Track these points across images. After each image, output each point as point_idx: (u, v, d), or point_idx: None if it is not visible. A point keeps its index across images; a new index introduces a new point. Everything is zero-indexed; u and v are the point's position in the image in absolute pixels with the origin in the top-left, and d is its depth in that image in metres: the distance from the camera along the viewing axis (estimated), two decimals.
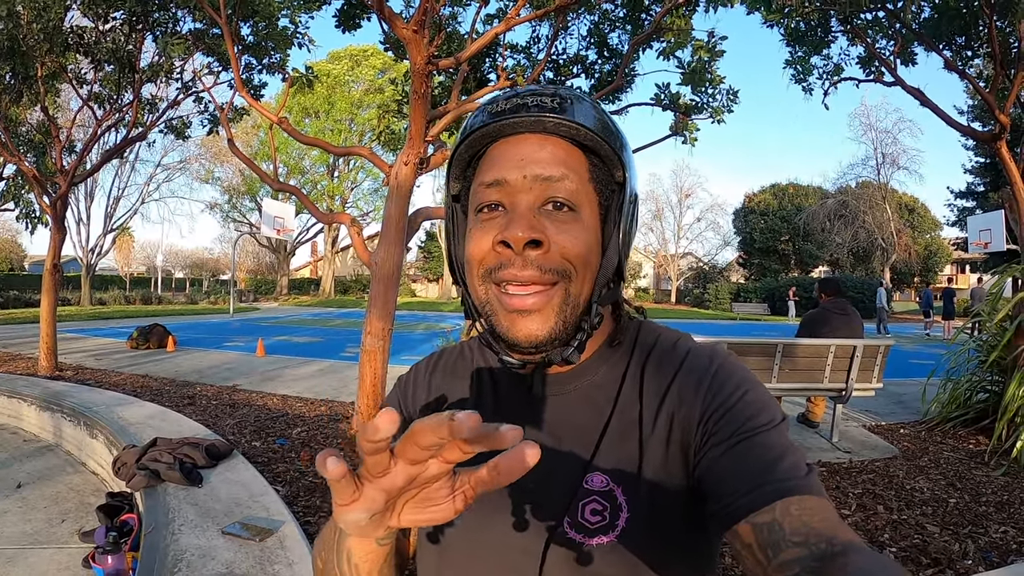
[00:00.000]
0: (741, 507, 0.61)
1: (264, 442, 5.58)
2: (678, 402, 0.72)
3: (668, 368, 0.76)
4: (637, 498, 0.70)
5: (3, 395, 6.70)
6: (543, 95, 0.72)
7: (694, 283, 51.12)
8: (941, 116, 7.13)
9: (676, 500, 0.70)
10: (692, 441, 0.70)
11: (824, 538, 0.55)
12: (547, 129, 0.72)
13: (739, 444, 0.65)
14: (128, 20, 8.32)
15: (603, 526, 0.70)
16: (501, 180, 0.71)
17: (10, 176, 11.96)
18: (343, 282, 52.01)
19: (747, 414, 0.67)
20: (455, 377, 0.88)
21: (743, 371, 0.73)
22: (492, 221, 0.72)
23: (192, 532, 3.02)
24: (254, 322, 23.86)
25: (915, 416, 6.91)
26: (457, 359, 0.91)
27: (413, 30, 5.07)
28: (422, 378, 0.90)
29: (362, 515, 0.48)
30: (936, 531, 3.71)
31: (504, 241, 0.69)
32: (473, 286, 0.75)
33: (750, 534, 0.59)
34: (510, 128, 0.72)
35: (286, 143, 40.36)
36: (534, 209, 0.70)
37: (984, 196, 32.96)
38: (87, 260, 37.91)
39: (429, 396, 0.87)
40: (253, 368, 10.50)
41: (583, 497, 0.72)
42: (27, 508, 4.34)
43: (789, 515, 0.58)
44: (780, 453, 0.64)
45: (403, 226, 5.51)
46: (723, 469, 0.65)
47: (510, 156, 0.72)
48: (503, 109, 0.72)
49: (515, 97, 0.73)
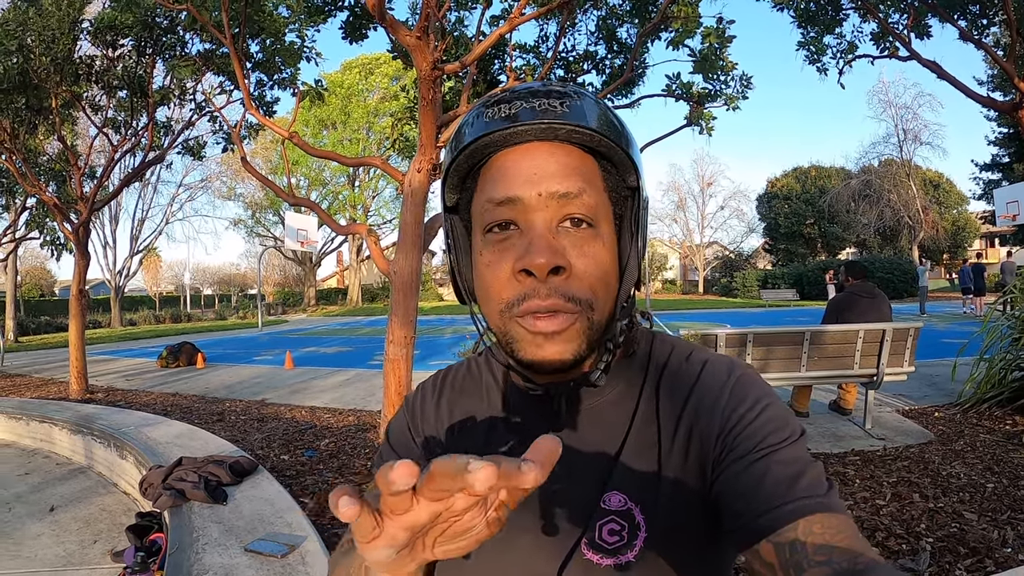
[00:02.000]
0: (762, 526, 0.59)
1: (292, 455, 5.60)
2: (695, 417, 0.70)
3: (684, 382, 0.73)
4: (656, 516, 0.68)
5: (35, 420, 6.80)
6: (550, 96, 0.66)
7: (721, 272, 50.67)
8: (959, 88, 6.98)
9: (695, 517, 0.68)
10: (710, 456, 0.67)
11: (847, 557, 0.54)
12: (559, 137, 0.66)
13: (759, 461, 0.63)
14: (136, 46, 8.43)
15: (621, 546, 0.68)
16: (513, 199, 0.65)
17: (32, 205, 12.19)
18: (370, 290, 52.30)
19: (767, 429, 0.65)
20: (464, 396, 0.84)
21: (761, 385, 0.71)
22: (506, 243, 0.66)
23: (215, 550, 3.03)
24: (282, 335, 24.09)
25: (949, 398, 6.75)
26: (465, 377, 0.87)
27: (416, 37, 5.06)
28: (430, 400, 0.86)
29: (386, 552, 0.44)
30: (974, 518, 3.61)
31: (526, 269, 0.64)
32: (490, 314, 0.70)
33: (772, 553, 0.58)
34: (516, 137, 0.66)
35: (306, 156, 40.69)
36: (552, 228, 0.65)
37: (1010, 167, 32.33)
38: (115, 282, 38.61)
39: (439, 419, 0.84)
40: (282, 381, 10.58)
41: (601, 517, 0.69)
42: (60, 530, 4.40)
43: (812, 534, 0.56)
44: (801, 469, 0.62)
45: (420, 233, 5.50)
46: (743, 486, 0.63)
47: (519, 170, 0.66)
48: (507, 115, 0.66)
49: (518, 100, 0.66)
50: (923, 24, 7.37)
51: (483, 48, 5.54)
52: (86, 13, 8.04)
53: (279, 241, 44.05)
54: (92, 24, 8.09)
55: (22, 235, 15.87)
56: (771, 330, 5.50)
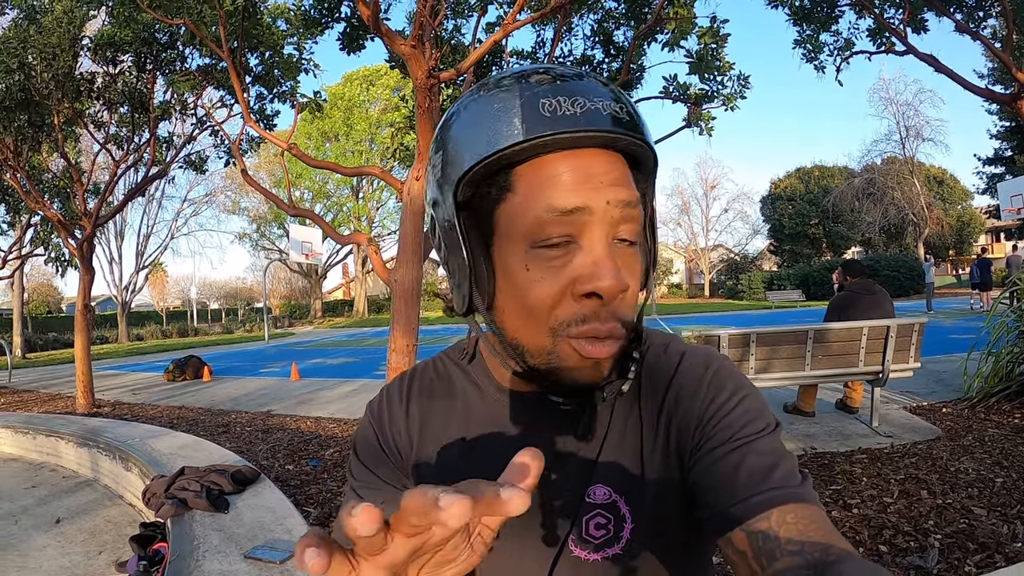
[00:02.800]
0: (736, 514, 0.59)
1: (297, 465, 5.60)
2: (675, 407, 0.70)
3: (663, 373, 0.73)
4: (641, 507, 0.69)
5: (42, 434, 6.82)
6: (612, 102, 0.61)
7: (727, 275, 50.56)
8: (958, 81, 6.96)
9: (677, 506, 0.69)
10: (688, 445, 0.68)
11: (819, 547, 0.54)
12: (618, 148, 0.62)
13: (735, 451, 0.63)
14: (136, 62, 8.49)
15: (608, 539, 0.69)
16: (583, 207, 0.59)
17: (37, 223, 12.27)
18: (376, 301, 52.35)
19: (743, 420, 0.66)
20: (433, 399, 0.81)
21: (739, 376, 0.71)
22: (559, 260, 0.61)
23: (215, 558, 3.03)
24: (289, 347, 24.14)
25: (956, 394, 6.71)
26: (433, 380, 0.83)
27: (411, 46, 5.08)
28: (397, 406, 0.82)
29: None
30: (983, 514, 3.57)
31: (594, 293, 0.59)
32: (533, 331, 0.64)
33: (744, 542, 0.58)
34: (581, 142, 0.60)
35: (309, 168, 40.84)
36: (608, 245, 0.61)
37: (1012, 161, 32.24)
38: (122, 298, 38.77)
39: (409, 426, 0.80)
40: (288, 392, 10.58)
41: (587, 512, 0.70)
42: (66, 542, 4.41)
43: (784, 523, 0.57)
44: (776, 460, 0.62)
45: (420, 242, 5.51)
46: (718, 475, 0.63)
47: (582, 176, 0.60)
48: (573, 113, 0.59)
49: (580, 95, 0.59)
50: (919, 18, 7.36)
51: (479, 55, 5.55)
52: (86, 30, 8.10)
53: (284, 254, 44.22)
54: (92, 41, 8.16)
55: (27, 252, 15.94)
56: (775, 329, 5.47)
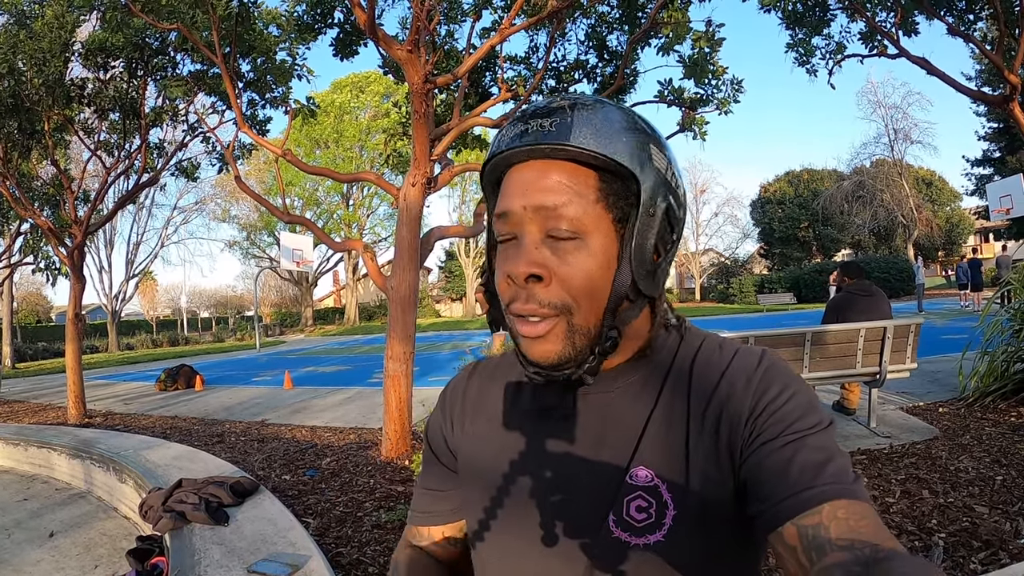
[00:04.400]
0: (787, 508, 0.60)
1: (294, 475, 5.55)
2: (726, 400, 0.71)
3: (717, 365, 0.75)
4: (684, 495, 0.70)
5: (33, 445, 6.74)
6: (544, 117, 0.71)
7: (717, 279, 50.65)
8: (949, 82, 7.00)
9: (724, 498, 0.69)
10: (739, 438, 0.68)
11: (869, 544, 0.54)
12: (547, 155, 0.70)
13: (787, 445, 0.64)
14: (128, 67, 8.43)
15: (650, 524, 0.70)
16: (506, 212, 0.72)
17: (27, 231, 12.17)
18: (367, 308, 52.18)
19: (796, 415, 0.67)
20: (493, 381, 0.89)
21: (791, 373, 0.73)
22: (506, 253, 0.73)
23: (217, 572, 2.98)
24: (281, 355, 24.02)
25: (952, 393, 6.73)
26: (497, 365, 0.92)
27: (408, 50, 5.07)
28: (461, 386, 0.93)
29: None
30: (985, 511, 3.57)
31: (510, 275, 0.70)
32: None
33: (795, 537, 0.59)
34: (516, 157, 0.72)
35: (300, 176, 40.73)
36: (538, 240, 0.70)
37: (1001, 161, 32.42)
38: (112, 307, 38.52)
39: (465, 401, 0.91)
40: (281, 401, 10.51)
41: (628, 492, 0.71)
42: (60, 556, 4.34)
43: (836, 519, 0.57)
44: (828, 456, 0.63)
45: (416, 248, 5.49)
46: (770, 469, 0.64)
47: (515, 187, 0.72)
48: (508, 137, 0.72)
49: (519, 122, 0.72)
50: (910, 21, 7.40)
51: (474, 60, 5.55)
52: (77, 35, 8.04)
53: (275, 262, 44.02)
54: (83, 46, 8.10)
55: (17, 260, 15.81)
56: (772, 332, 5.48)
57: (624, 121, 0.72)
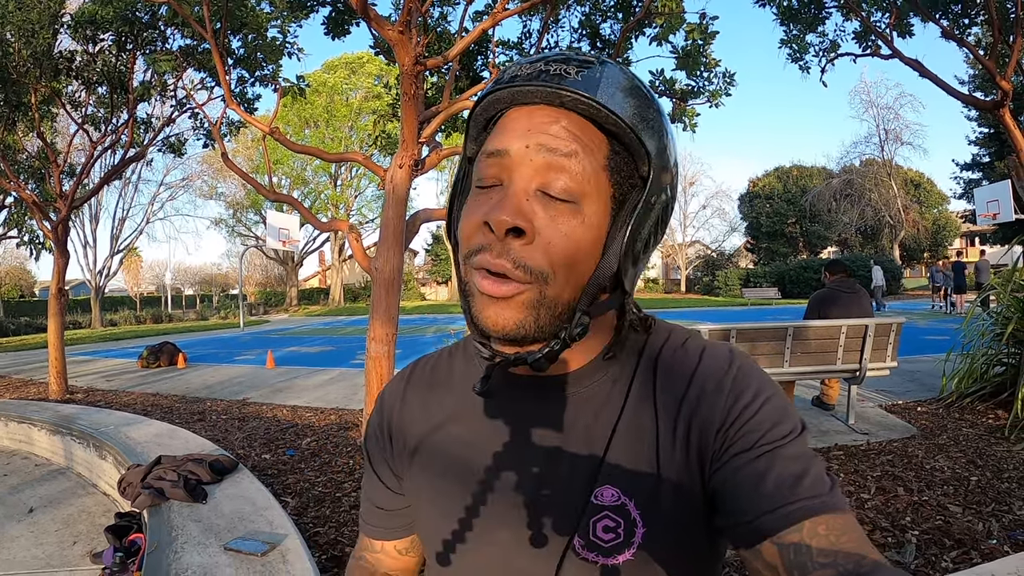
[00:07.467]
0: (766, 525, 0.58)
1: (274, 454, 5.55)
2: (696, 406, 0.67)
3: (683, 369, 0.70)
4: (654, 511, 0.66)
5: (14, 421, 6.69)
6: (569, 63, 0.64)
7: (703, 271, 50.84)
8: (941, 86, 7.04)
9: (696, 511, 0.66)
10: (709, 447, 0.65)
11: (852, 559, 0.53)
12: (564, 104, 0.63)
13: (761, 457, 0.61)
14: (117, 41, 8.32)
15: (618, 544, 0.66)
16: (503, 151, 0.64)
17: (11, 204, 12.03)
18: (352, 290, 52.07)
19: (769, 424, 0.63)
20: (431, 388, 0.82)
21: (762, 375, 0.68)
22: (486, 197, 0.65)
23: (195, 549, 2.98)
24: (264, 335, 23.91)
25: (931, 393, 6.81)
26: (433, 367, 0.85)
27: (399, 31, 5.03)
28: (398, 393, 0.85)
29: None
30: (959, 511, 3.63)
31: (487, 222, 0.62)
32: (460, 261, 0.67)
33: (775, 555, 0.57)
34: (524, 96, 0.64)
35: (288, 155, 40.40)
36: (528, 191, 0.62)
37: (990, 166, 32.70)
38: (96, 283, 38.24)
39: (403, 411, 0.82)
40: (263, 381, 10.48)
41: (593, 513, 0.66)
42: (39, 532, 4.32)
43: (817, 535, 0.56)
44: (804, 467, 0.60)
45: (401, 229, 5.47)
46: (744, 483, 0.61)
47: (518, 126, 0.64)
48: (522, 74, 0.64)
49: (539, 62, 0.65)
50: (905, 23, 7.42)
51: (466, 43, 5.51)
52: (66, 7, 7.92)
53: (260, 240, 43.72)
54: (72, 18, 7.98)
55: (0, 234, 15.62)
56: (754, 326, 5.51)
57: (651, 100, 0.68)
